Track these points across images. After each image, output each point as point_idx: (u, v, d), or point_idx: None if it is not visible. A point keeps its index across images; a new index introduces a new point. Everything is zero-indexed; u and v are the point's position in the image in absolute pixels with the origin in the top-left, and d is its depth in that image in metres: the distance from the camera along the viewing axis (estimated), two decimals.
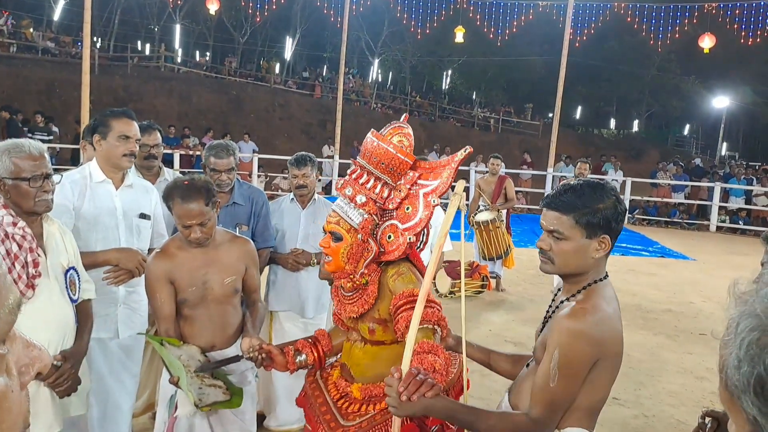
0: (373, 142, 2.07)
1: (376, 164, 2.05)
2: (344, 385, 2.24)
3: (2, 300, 0.56)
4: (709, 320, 7.04)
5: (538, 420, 1.70)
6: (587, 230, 1.75)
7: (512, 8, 22.32)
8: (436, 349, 1.91)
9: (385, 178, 2.07)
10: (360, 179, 2.09)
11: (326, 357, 2.41)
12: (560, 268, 1.82)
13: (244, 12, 28.15)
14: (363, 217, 2.05)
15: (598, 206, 1.74)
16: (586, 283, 1.81)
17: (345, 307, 2.17)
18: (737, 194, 15.81)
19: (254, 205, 3.70)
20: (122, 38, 29.65)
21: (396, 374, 1.69)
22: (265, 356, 2.35)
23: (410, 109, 32.14)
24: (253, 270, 2.83)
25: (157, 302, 2.62)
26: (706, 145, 39.97)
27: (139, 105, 21.40)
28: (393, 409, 1.69)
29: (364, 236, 2.06)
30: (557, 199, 1.79)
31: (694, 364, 5.55)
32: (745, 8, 18.84)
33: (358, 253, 2.08)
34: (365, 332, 2.18)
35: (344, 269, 2.10)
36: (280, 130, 25.53)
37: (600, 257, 1.79)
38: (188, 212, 2.53)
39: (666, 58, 32.95)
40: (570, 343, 1.66)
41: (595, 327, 1.68)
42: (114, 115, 3.06)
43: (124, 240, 3.07)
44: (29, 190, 2.34)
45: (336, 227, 2.07)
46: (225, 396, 2.51)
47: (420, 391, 1.64)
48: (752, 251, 12.54)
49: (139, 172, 3.65)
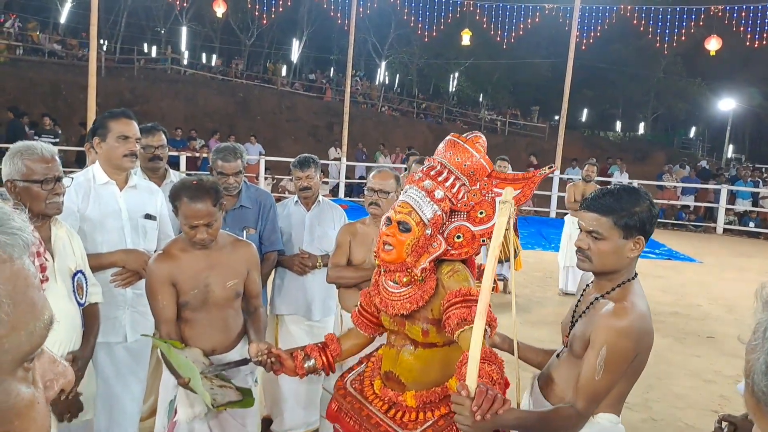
0: (455, 143, 2.10)
1: (459, 165, 2.07)
2: (392, 394, 2.20)
3: (39, 314, 0.58)
4: (716, 323, 7.01)
5: (583, 411, 1.88)
6: (624, 231, 1.91)
7: (518, 11, 22.31)
8: (490, 356, 1.89)
9: (464, 180, 2.08)
10: (439, 176, 2.08)
11: (335, 362, 2.39)
12: (597, 266, 1.97)
13: (251, 14, 28.22)
14: (435, 212, 2.05)
15: (635, 209, 1.91)
16: (620, 282, 1.97)
17: (395, 304, 2.11)
18: (744, 196, 15.74)
19: (262, 208, 3.69)
20: (129, 40, 29.76)
21: (463, 392, 1.69)
22: (274, 360, 2.34)
23: (417, 111, 32.18)
24: (254, 274, 2.81)
25: (159, 305, 2.59)
26: (712, 148, 39.79)
27: (146, 107, 21.47)
28: (465, 427, 1.69)
29: (433, 231, 2.06)
30: (597, 202, 1.95)
31: (702, 367, 5.53)
32: (751, 10, 18.77)
33: (423, 248, 2.05)
34: (417, 334, 2.14)
35: (405, 261, 2.06)
36: (287, 132, 25.56)
37: (634, 257, 1.95)
38: (196, 212, 2.51)
39: (672, 61, 32.85)
40: (616, 341, 1.83)
41: (636, 324, 1.85)
42: (112, 116, 3.06)
43: (130, 241, 3.06)
44: (40, 193, 2.34)
45: (406, 217, 2.03)
46: (238, 396, 2.50)
47: (493, 408, 1.65)
48: (759, 253, 12.51)
49: (145, 174, 3.65)
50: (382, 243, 2.09)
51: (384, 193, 3.29)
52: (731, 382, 5.25)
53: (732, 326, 6.93)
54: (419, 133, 28.43)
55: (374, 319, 2.34)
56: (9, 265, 0.56)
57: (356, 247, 3.37)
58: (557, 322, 7.33)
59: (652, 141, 38.34)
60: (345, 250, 3.37)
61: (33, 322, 0.57)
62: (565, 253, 7.89)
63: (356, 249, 3.37)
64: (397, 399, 2.18)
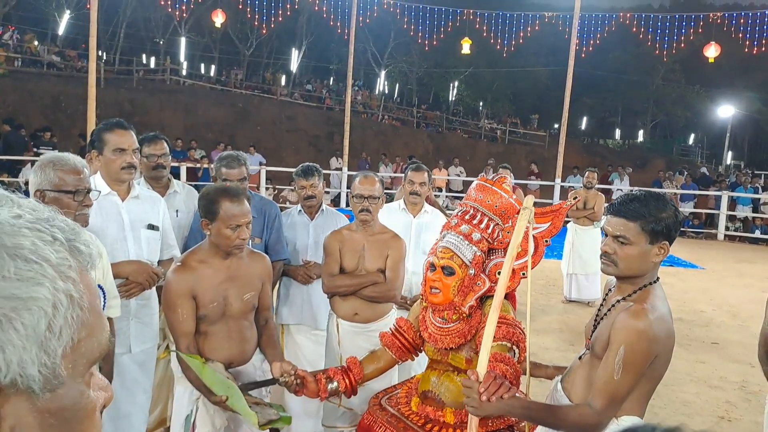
0: (484, 187, 2.28)
1: (490, 207, 2.26)
2: (430, 410, 2.32)
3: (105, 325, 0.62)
4: (720, 329, 6.99)
5: (601, 410, 1.89)
6: (651, 236, 1.94)
7: (518, 19, 22.40)
8: (508, 360, 2.05)
9: (497, 220, 2.26)
10: (473, 219, 2.26)
11: (358, 385, 2.46)
12: (623, 270, 1.99)
13: (250, 24, 28.32)
14: (475, 253, 2.22)
15: (661, 215, 1.95)
16: (642, 285, 2.00)
17: (444, 338, 2.27)
18: (744, 203, 15.74)
19: (267, 218, 3.67)
20: (127, 52, 29.84)
21: (473, 377, 1.85)
22: (299, 381, 2.38)
23: (417, 120, 32.21)
24: (268, 287, 2.80)
25: (178, 318, 2.55)
26: (712, 155, 39.85)
27: (145, 118, 21.47)
28: (472, 409, 1.85)
29: (476, 271, 2.22)
30: (625, 207, 1.98)
31: (707, 373, 5.50)
32: (750, 17, 18.85)
33: (468, 287, 2.23)
34: (461, 362, 2.29)
35: (452, 301, 2.22)
36: (288, 142, 25.57)
37: (658, 262, 1.99)
38: (243, 210, 2.54)
39: (670, 68, 32.99)
40: (634, 341, 1.84)
41: (655, 325, 1.87)
42: (106, 128, 3.03)
43: (133, 252, 3.03)
44: (71, 204, 2.33)
45: (449, 262, 2.20)
46: (276, 414, 2.44)
47: (499, 392, 1.80)
48: (760, 259, 12.48)
49: (148, 184, 3.63)
50: (429, 287, 2.25)
51: (374, 198, 3.27)
52: (737, 388, 5.23)
53: (736, 332, 6.90)
54: (420, 143, 28.46)
55: (408, 345, 2.48)
56: (86, 275, 0.60)
57: (346, 254, 3.33)
58: (561, 330, 7.30)
59: (652, 148, 38.41)
60: (336, 258, 3.34)
61: (101, 331, 0.61)
62: (568, 260, 7.88)
63: (347, 256, 3.33)
64: (435, 415, 2.29)
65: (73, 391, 0.57)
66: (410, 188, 4.21)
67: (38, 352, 0.53)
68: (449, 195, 16.93)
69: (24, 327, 0.53)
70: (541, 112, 37.67)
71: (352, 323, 3.34)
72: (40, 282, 0.55)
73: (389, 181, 18.12)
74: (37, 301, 0.54)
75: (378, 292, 3.28)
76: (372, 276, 3.28)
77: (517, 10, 23.04)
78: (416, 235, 4.17)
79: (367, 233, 3.33)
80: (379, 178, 3.43)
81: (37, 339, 0.53)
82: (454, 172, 18.16)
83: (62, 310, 0.55)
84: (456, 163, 18.69)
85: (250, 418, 2.29)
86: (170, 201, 3.62)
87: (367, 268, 3.29)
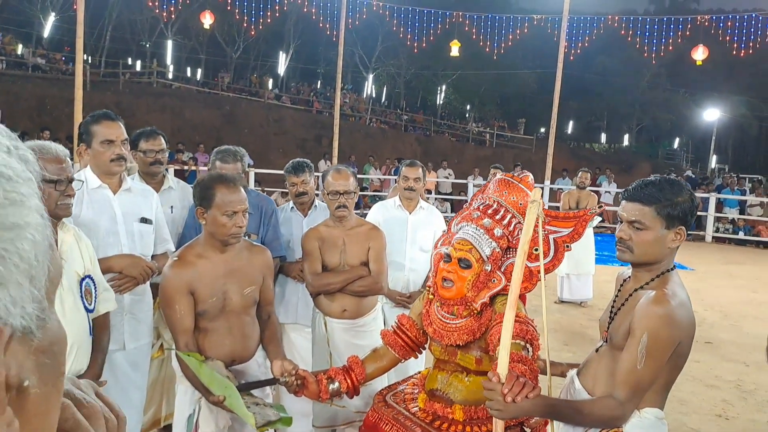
0: (509, 183, 2.20)
1: (514, 204, 2.18)
2: (438, 407, 2.24)
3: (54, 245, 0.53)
4: (713, 329, 7.00)
5: (625, 401, 1.83)
6: (667, 221, 1.89)
7: (507, 21, 22.46)
8: (525, 359, 1.96)
9: (520, 218, 2.17)
10: (496, 215, 2.18)
11: (360, 384, 2.39)
12: (639, 256, 1.94)
13: (237, 27, 28.19)
14: (494, 249, 2.14)
15: (677, 199, 1.90)
16: (659, 273, 1.94)
17: (451, 335, 2.18)
18: (731, 205, 15.86)
19: (263, 214, 3.61)
20: (114, 54, 29.57)
21: (494, 378, 1.76)
22: (300, 382, 2.32)
23: (405, 124, 32.21)
24: (269, 281, 2.74)
25: (177, 314, 2.47)
26: (697, 158, 40.21)
27: (132, 121, 21.17)
28: (497, 412, 1.76)
29: (493, 267, 2.14)
30: (640, 192, 1.94)
31: (703, 372, 5.49)
32: (737, 20, 19.03)
33: (483, 283, 2.14)
34: (470, 363, 2.21)
35: (465, 296, 2.14)
36: (275, 145, 25.47)
37: (675, 247, 1.93)
38: (239, 197, 2.49)
39: (656, 72, 33.26)
40: (657, 327, 1.79)
41: (677, 311, 1.81)
42: (94, 120, 2.94)
43: (126, 246, 2.95)
44: (53, 193, 2.25)
45: (467, 255, 2.11)
46: (276, 415, 2.35)
47: (523, 392, 1.72)
48: (748, 260, 12.59)
49: (143, 180, 3.55)
50: (441, 279, 2.15)
51: (349, 194, 3.22)
52: (732, 386, 5.23)
53: (728, 332, 6.93)
54: (407, 146, 28.45)
55: (411, 343, 2.40)
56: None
57: (327, 251, 3.27)
58: (555, 330, 7.26)
59: (637, 152, 38.72)
60: (317, 256, 3.27)
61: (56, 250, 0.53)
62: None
63: (328, 253, 3.27)
64: (444, 412, 2.22)
65: (54, 322, 0.50)
66: (405, 184, 4.16)
67: (30, 287, 0.46)
68: (438, 197, 16.93)
69: (21, 260, 0.45)
70: (527, 117, 37.83)
71: (342, 320, 3.29)
72: (27, 204, 0.47)
73: (378, 184, 18.08)
74: (29, 227, 0.46)
75: (365, 285, 3.24)
76: (357, 270, 3.24)
77: (506, 13, 23.12)
78: (412, 231, 4.12)
79: (345, 227, 3.29)
80: (352, 171, 3.37)
81: (29, 272, 0.46)
82: (442, 175, 18.16)
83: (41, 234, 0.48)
84: (444, 165, 18.67)
85: (247, 419, 2.21)
86: (165, 197, 3.54)
87: (350, 263, 3.25)
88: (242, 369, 2.57)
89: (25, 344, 0.47)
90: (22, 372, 0.46)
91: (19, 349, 0.46)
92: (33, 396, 0.47)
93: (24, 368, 0.47)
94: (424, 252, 4.00)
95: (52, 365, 0.50)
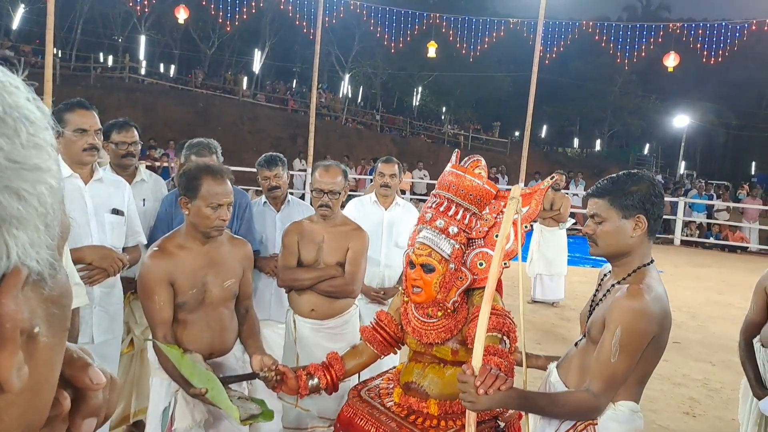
0: (457, 174, 2.17)
1: (464, 196, 2.15)
2: (413, 401, 2.24)
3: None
4: (681, 329, 7.11)
5: (599, 394, 1.84)
6: (623, 211, 1.92)
7: (484, 24, 22.58)
8: (501, 352, 1.98)
9: (473, 209, 2.16)
10: (449, 211, 2.15)
11: (339, 381, 2.38)
12: (604, 248, 1.98)
13: (212, 23, 27.91)
14: (454, 247, 2.12)
15: (631, 188, 1.92)
16: (635, 267, 1.96)
17: (429, 334, 2.19)
18: (699, 209, 16.17)
19: (237, 208, 3.54)
20: (85, 48, 29.09)
21: (468, 371, 1.78)
22: (279, 378, 2.30)
23: (381, 124, 32.21)
24: (249, 274, 2.70)
25: (155, 306, 2.43)
26: (666, 164, 40.94)
27: (103, 117, 20.37)
28: (469, 404, 1.77)
29: (456, 265, 2.12)
30: (596, 187, 2.01)
31: (671, 371, 5.58)
32: (708, 28, 19.40)
33: (450, 282, 2.13)
34: (446, 354, 2.21)
35: (435, 299, 2.13)
36: (249, 143, 25.25)
37: (639, 237, 1.93)
38: (225, 190, 2.45)
39: (628, 79, 33.76)
40: (631, 321, 1.80)
41: (651, 305, 1.82)
42: (67, 108, 2.89)
43: (97, 237, 2.89)
44: None
45: (428, 259, 2.11)
46: (258, 409, 2.32)
47: (495, 384, 1.73)
48: (715, 263, 12.86)
49: (115, 172, 3.49)
50: (410, 286, 2.16)
51: (334, 194, 3.09)
52: (700, 385, 5.33)
53: (696, 332, 7.06)
54: (383, 146, 28.43)
55: (390, 339, 2.40)
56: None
57: (305, 247, 3.16)
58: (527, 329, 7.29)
59: (608, 157, 39.26)
60: (293, 250, 3.16)
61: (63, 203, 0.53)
62: (534, 262, 7.91)
63: (305, 248, 3.16)
64: (419, 406, 2.22)
65: (63, 275, 0.49)
66: (381, 180, 4.13)
67: (45, 233, 0.45)
68: (413, 198, 16.97)
69: (39, 203, 0.44)
70: (502, 120, 38.13)
71: (309, 320, 3.18)
72: (47, 151, 0.46)
73: (354, 183, 18.05)
74: (49, 173, 0.46)
75: (335, 286, 3.10)
76: (330, 270, 3.11)
77: (482, 16, 23.25)
78: (388, 228, 4.11)
79: (328, 225, 3.17)
80: (343, 168, 3.25)
81: (46, 218, 0.45)
82: (417, 176, 18.22)
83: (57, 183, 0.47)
84: (420, 166, 18.73)
85: (231, 413, 2.17)
86: (137, 190, 3.49)
87: (326, 261, 3.13)
88: (220, 362, 2.54)
89: (38, 291, 0.46)
90: (33, 318, 0.45)
91: (32, 295, 0.45)
92: (42, 345, 0.46)
93: (35, 315, 0.45)
94: (399, 248, 3.97)
95: (60, 317, 0.48)
